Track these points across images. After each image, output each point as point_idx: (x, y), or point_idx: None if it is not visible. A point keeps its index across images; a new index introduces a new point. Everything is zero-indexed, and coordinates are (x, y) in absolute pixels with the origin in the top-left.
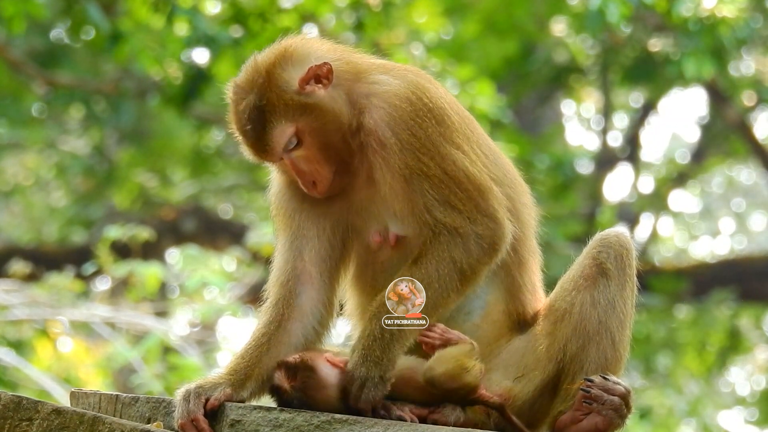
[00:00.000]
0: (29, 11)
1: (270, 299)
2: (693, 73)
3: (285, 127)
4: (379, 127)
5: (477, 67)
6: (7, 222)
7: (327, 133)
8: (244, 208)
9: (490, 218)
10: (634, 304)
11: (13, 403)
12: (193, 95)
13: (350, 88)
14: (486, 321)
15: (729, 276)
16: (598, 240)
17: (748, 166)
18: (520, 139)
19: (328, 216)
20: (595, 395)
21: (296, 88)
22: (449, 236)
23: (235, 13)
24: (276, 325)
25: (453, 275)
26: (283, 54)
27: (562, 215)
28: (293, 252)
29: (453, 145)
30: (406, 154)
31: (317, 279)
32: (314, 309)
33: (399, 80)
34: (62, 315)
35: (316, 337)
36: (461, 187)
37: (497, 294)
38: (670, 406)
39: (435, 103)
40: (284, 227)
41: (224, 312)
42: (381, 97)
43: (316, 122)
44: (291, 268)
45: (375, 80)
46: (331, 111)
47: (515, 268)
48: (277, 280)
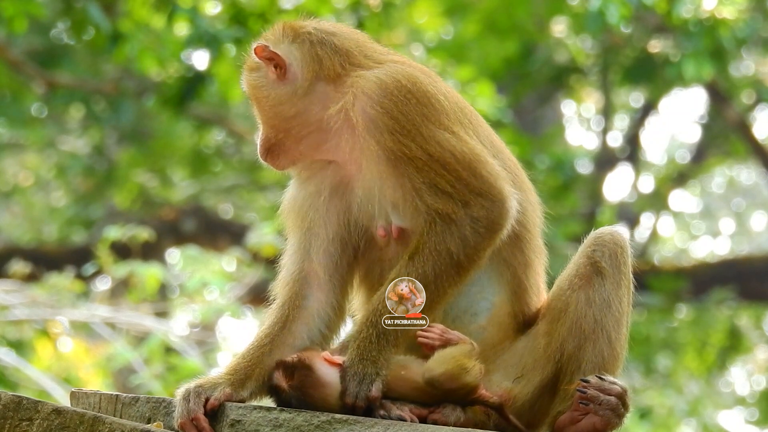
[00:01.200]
0: (30, 11)
1: (277, 300)
2: (692, 74)
3: (242, 82)
4: (354, 111)
5: (477, 68)
6: (7, 222)
7: (262, 111)
8: (244, 208)
9: (485, 197)
10: (630, 302)
11: (14, 403)
12: (190, 97)
13: (337, 81)
14: (492, 323)
15: (729, 276)
16: (592, 239)
17: (748, 166)
18: (521, 140)
19: (337, 215)
20: (591, 396)
21: (253, 58)
22: (444, 225)
23: (235, 13)
24: (280, 327)
25: (450, 270)
26: (276, 26)
27: (562, 215)
28: (302, 252)
29: (439, 126)
30: (383, 135)
31: (326, 281)
32: (321, 311)
33: (383, 70)
34: (62, 315)
35: (322, 339)
36: (449, 168)
37: (503, 296)
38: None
39: (418, 86)
40: (294, 226)
41: (224, 312)
42: (359, 85)
43: (254, 98)
44: (299, 270)
45: (357, 74)
46: (268, 100)
47: (522, 270)
48: (284, 281)
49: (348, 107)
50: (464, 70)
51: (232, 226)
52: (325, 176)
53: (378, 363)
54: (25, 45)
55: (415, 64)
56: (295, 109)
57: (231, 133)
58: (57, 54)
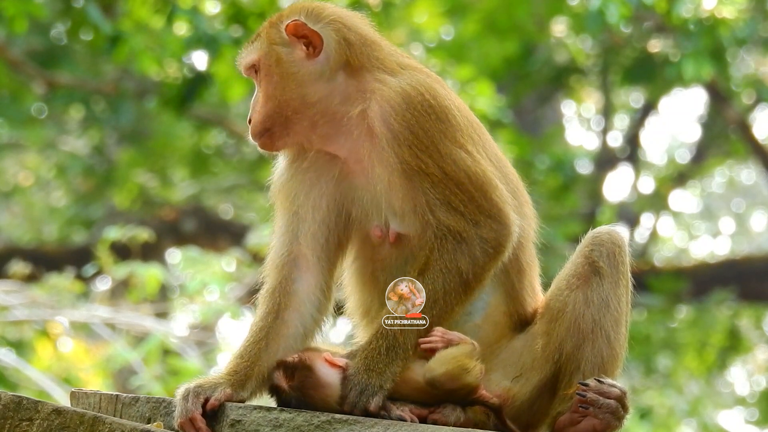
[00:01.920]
0: (30, 11)
1: (266, 285)
2: (692, 74)
3: (253, 53)
4: (376, 119)
5: (477, 67)
6: (7, 222)
7: (277, 91)
8: (244, 208)
9: (494, 219)
10: (629, 302)
11: (14, 403)
12: (191, 98)
13: (359, 75)
14: (487, 322)
15: (729, 276)
16: (590, 238)
17: (748, 166)
18: (521, 140)
19: (326, 198)
20: (590, 399)
21: (281, 33)
22: (454, 243)
23: (235, 12)
24: (273, 317)
25: (459, 288)
26: (303, 5)
27: (562, 215)
28: (290, 235)
29: (455, 144)
30: (402, 148)
31: (314, 263)
32: (311, 295)
33: (406, 78)
34: (62, 316)
35: (314, 324)
36: (462, 187)
37: (498, 296)
38: (670, 406)
39: (438, 101)
40: (283, 208)
41: (224, 313)
42: (383, 93)
43: (274, 75)
44: (287, 252)
45: (380, 78)
46: (295, 79)
47: (514, 274)
48: (274, 264)
49: (372, 114)
50: (464, 70)
51: (232, 227)
52: (323, 165)
53: (384, 376)
54: (25, 45)
55: (431, 74)
56: (318, 95)
57: (231, 134)
58: (57, 54)
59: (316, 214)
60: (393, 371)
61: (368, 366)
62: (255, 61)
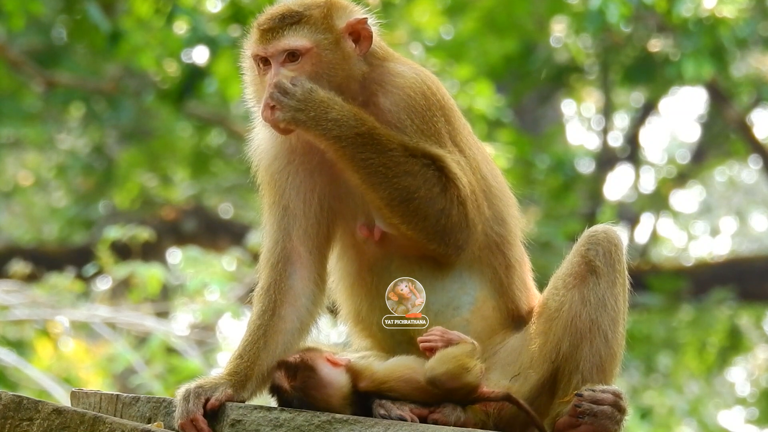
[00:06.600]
0: (28, 8)
1: (261, 283)
2: (692, 73)
3: (303, 38)
4: (395, 109)
5: (477, 66)
6: (7, 222)
7: (322, 79)
8: (244, 208)
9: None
10: (626, 301)
11: (14, 403)
12: (189, 92)
13: (369, 67)
14: (476, 316)
15: (729, 276)
16: (586, 237)
17: (749, 166)
18: (521, 139)
19: (316, 192)
20: (585, 410)
21: (342, 27)
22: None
23: (235, 12)
24: (270, 314)
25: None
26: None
27: (563, 215)
28: (282, 232)
29: (456, 147)
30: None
31: (306, 257)
32: (306, 289)
33: (415, 73)
34: (62, 315)
35: (310, 317)
36: None
37: (486, 292)
38: (671, 406)
39: (447, 102)
40: (273, 203)
41: (225, 312)
42: (397, 84)
43: (324, 63)
44: (280, 249)
45: (392, 69)
46: (342, 69)
47: (502, 270)
48: (268, 262)
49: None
50: (463, 69)
51: (232, 226)
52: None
53: None
54: (24, 44)
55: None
56: (352, 89)
57: (231, 134)
58: (57, 53)
59: (308, 210)
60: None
61: None
62: (303, 47)
